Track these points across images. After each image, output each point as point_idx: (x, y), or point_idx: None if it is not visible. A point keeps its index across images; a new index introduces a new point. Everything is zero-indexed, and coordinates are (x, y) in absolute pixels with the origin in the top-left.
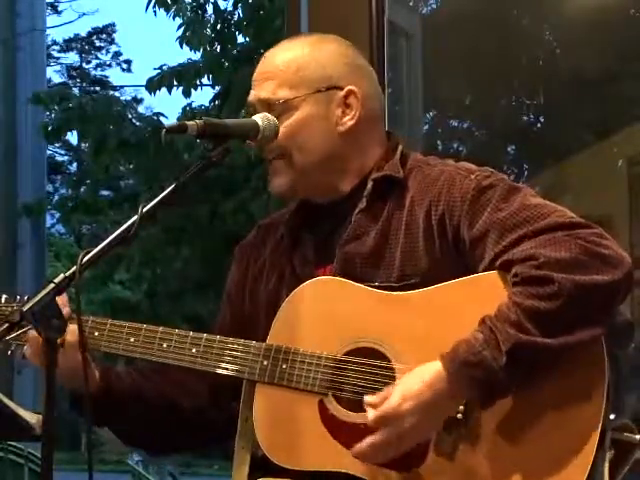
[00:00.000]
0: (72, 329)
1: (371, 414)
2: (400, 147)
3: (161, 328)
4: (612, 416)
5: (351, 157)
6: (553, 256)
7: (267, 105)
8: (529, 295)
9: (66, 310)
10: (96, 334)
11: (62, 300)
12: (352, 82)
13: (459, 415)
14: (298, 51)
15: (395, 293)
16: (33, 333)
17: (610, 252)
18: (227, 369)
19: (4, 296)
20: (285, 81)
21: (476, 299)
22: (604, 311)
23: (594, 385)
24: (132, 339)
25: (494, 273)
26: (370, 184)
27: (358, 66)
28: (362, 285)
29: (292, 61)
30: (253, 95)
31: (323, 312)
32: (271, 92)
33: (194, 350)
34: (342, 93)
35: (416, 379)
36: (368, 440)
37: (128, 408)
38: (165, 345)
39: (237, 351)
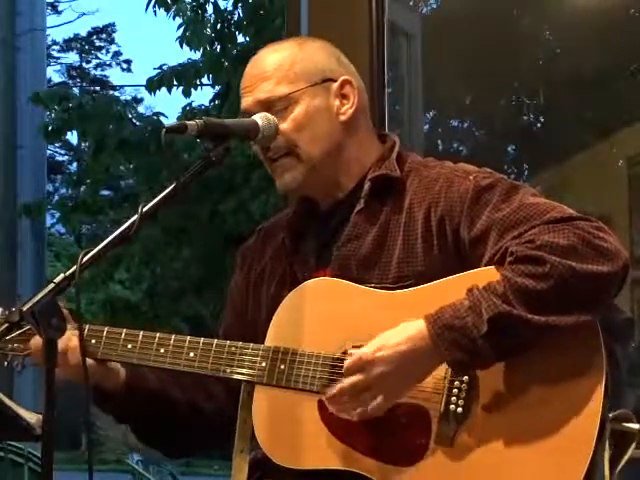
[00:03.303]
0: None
1: (346, 363)
2: (396, 148)
3: (158, 334)
4: (610, 414)
5: (351, 148)
6: (550, 240)
7: (267, 105)
8: (520, 272)
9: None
10: (93, 342)
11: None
12: (343, 74)
13: (459, 409)
14: (286, 50)
15: (393, 292)
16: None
17: (607, 245)
18: (225, 372)
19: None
20: (282, 78)
21: None
22: (594, 300)
23: (593, 379)
24: (129, 345)
25: (490, 268)
26: (367, 185)
27: (345, 62)
28: (360, 285)
29: (283, 60)
30: (249, 101)
31: (321, 312)
32: (269, 91)
33: (192, 354)
34: (337, 84)
35: (397, 333)
36: (338, 385)
37: (151, 408)
38: (162, 350)
39: (235, 353)
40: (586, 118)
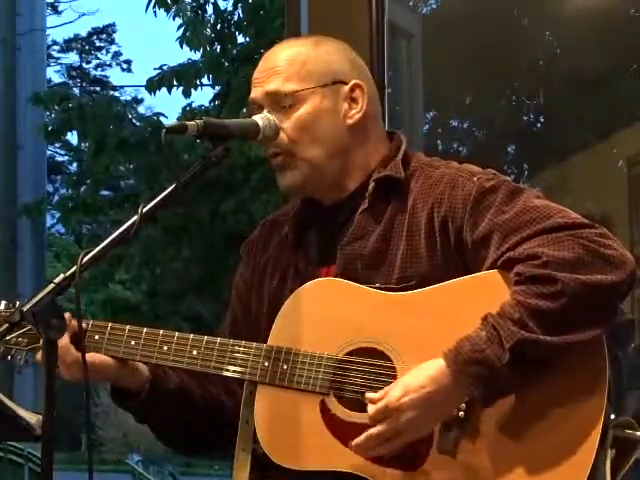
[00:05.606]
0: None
1: (372, 409)
2: (403, 147)
3: (162, 331)
4: (612, 416)
5: (357, 152)
6: (556, 255)
7: (274, 98)
8: (532, 294)
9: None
10: (97, 337)
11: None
12: (355, 78)
13: (461, 413)
14: (301, 48)
15: (396, 293)
16: (63, 346)
17: (613, 252)
18: (228, 370)
19: (3, 302)
20: (292, 74)
21: (476, 298)
22: (606, 311)
23: (595, 383)
24: (133, 342)
25: (494, 272)
26: (372, 185)
27: (359, 65)
28: (363, 286)
29: (297, 56)
30: (258, 92)
31: (324, 313)
32: (279, 85)
33: (195, 352)
34: (348, 87)
35: (418, 375)
36: (367, 433)
37: (173, 408)
38: (166, 348)
39: (238, 352)
40: (586, 118)
